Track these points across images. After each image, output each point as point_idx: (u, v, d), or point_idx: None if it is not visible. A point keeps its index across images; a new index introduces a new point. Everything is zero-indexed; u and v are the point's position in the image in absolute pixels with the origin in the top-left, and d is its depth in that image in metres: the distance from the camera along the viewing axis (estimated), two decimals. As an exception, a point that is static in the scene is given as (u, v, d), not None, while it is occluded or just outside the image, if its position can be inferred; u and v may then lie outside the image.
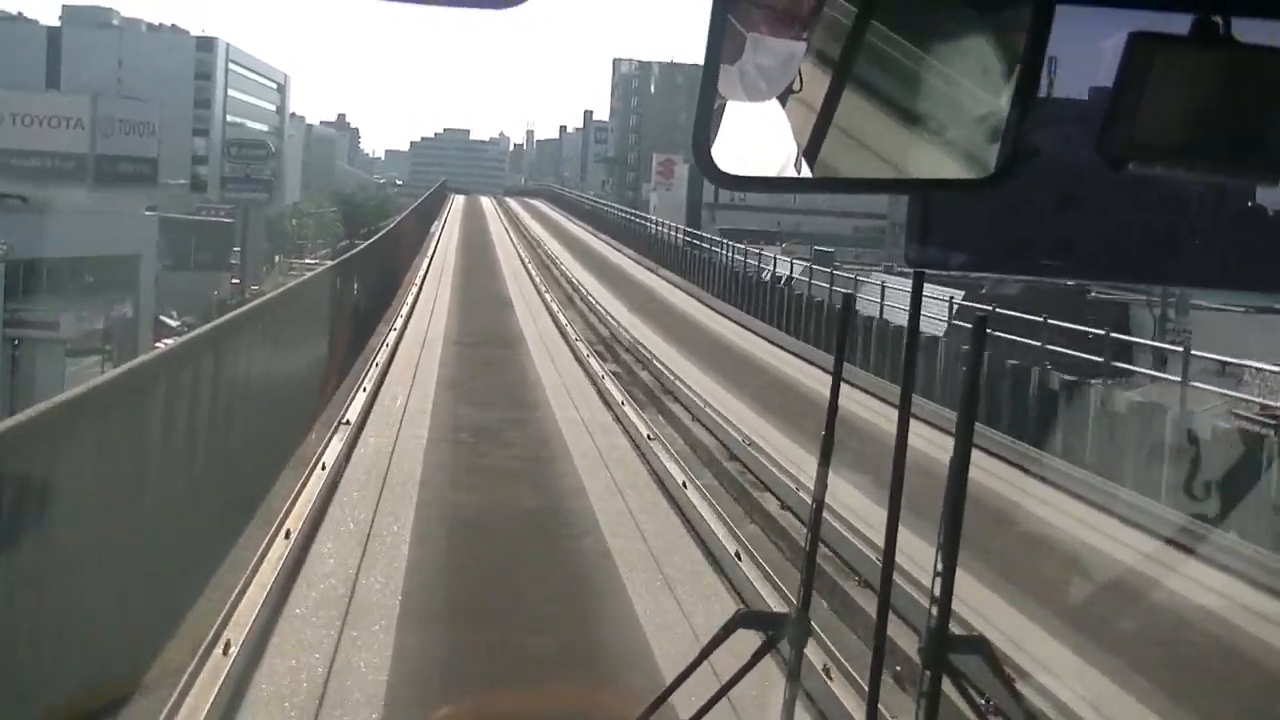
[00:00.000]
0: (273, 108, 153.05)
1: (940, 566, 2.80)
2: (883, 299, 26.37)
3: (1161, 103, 2.09)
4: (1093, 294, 27.14)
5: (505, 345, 28.20)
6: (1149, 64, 2.09)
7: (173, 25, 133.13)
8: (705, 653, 3.24)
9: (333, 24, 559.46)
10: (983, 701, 3.00)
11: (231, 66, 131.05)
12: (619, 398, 20.53)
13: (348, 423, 17.00)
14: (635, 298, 39.19)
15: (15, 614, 7.33)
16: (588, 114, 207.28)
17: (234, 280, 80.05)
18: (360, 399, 18.92)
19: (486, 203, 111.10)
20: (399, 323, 29.04)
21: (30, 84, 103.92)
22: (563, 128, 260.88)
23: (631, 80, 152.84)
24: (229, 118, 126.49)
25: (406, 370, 23.13)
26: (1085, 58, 2.19)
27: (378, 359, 23.36)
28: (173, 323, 64.95)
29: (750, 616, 3.57)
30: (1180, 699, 9.18)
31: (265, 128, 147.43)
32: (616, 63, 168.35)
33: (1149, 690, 9.12)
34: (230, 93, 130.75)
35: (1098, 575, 11.99)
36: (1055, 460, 16.56)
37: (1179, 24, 2.11)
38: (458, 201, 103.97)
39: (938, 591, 2.81)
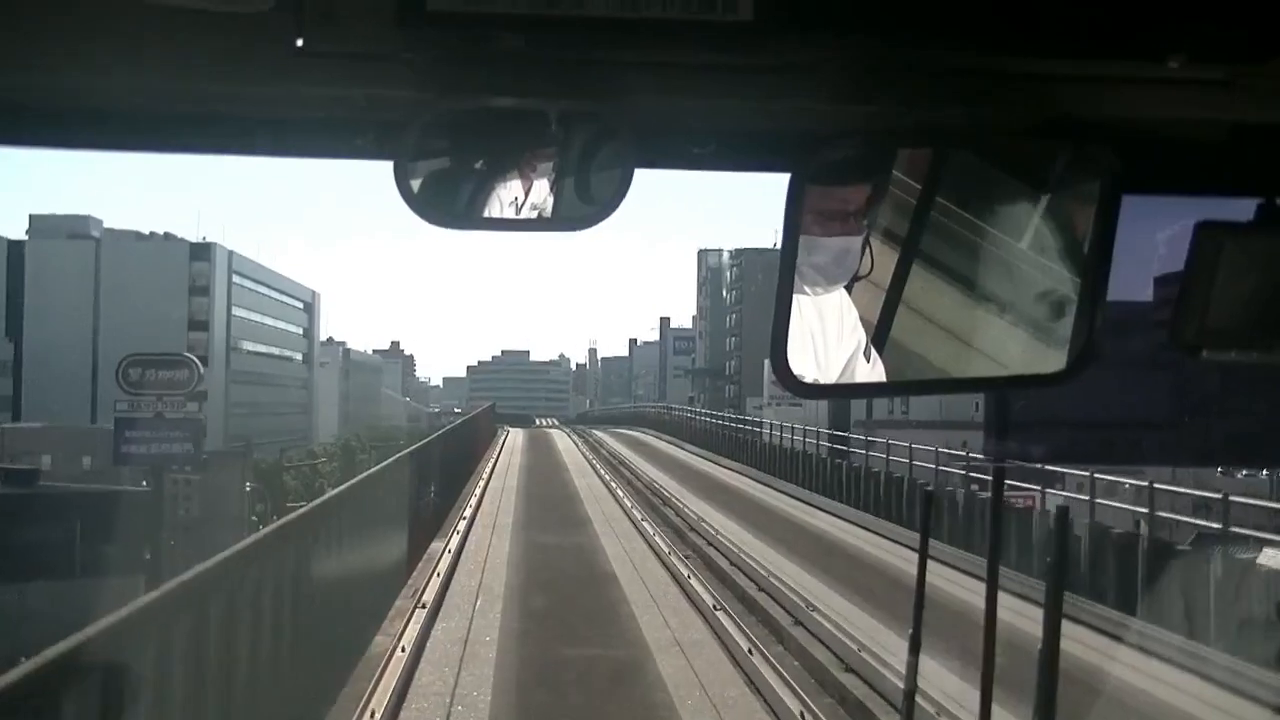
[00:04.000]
0: (299, 330, 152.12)
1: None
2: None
3: (1233, 290, 2.58)
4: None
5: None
6: (1218, 252, 2.58)
7: (165, 234, 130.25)
8: None
9: (383, 249, 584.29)
10: None
11: (238, 280, 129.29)
12: None
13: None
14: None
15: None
16: (664, 320, 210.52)
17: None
18: None
19: (563, 446, 76.53)
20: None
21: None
22: (633, 340, 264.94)
23: (724, 273, 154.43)
24: (239, 343, 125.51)
25: None
26: (1153, 246, 2.69)
27: None
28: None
29: None
30: None
31: (298, 355, 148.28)
32: (703, 255, 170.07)
33: None
34: (237, 311, 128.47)
35: None
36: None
37: (1244, 209, 2.61)
38: (514, 445, 73.62)
39: None
